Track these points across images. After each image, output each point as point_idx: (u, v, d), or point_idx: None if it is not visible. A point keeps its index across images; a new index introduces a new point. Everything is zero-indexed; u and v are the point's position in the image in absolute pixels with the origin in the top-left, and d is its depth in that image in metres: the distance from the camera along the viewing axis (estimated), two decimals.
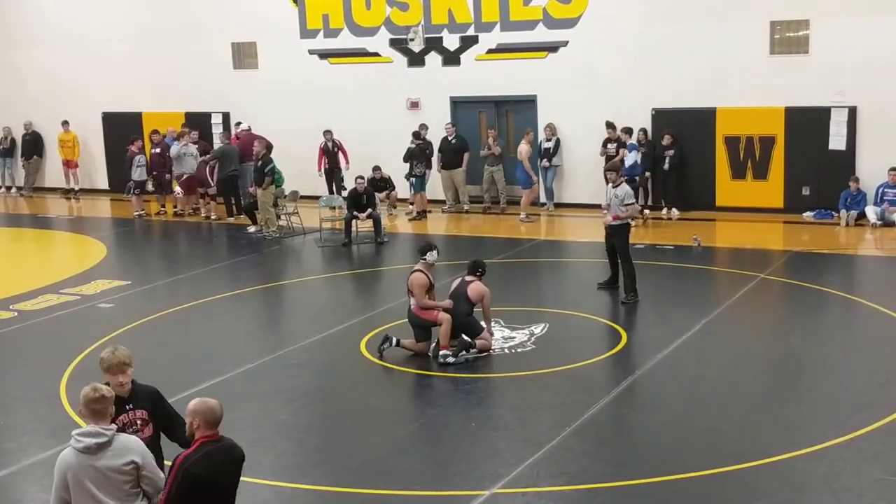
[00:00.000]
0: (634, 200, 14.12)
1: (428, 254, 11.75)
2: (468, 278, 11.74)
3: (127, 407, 6.34)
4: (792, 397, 10.17)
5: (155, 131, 22.48)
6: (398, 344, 11.43)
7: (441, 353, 11.22)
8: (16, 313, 14.07)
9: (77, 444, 5.61)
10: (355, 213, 18.15)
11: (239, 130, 21.89)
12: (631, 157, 19.09)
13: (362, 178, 18.65)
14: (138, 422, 6.37)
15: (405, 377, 11.14)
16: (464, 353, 11.28)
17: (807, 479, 8.13)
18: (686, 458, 8.61)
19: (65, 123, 24.87)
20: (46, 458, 8.80)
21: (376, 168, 20.05)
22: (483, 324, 11.64)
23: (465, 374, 10.95)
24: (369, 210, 18.21)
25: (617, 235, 13.66)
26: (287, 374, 11.25)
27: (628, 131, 19.58)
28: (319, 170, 21.50)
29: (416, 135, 20.59)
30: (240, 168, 20.79)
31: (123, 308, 14.23)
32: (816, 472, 8.25)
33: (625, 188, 13.75)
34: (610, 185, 13.82)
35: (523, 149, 19.78)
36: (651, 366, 10.94)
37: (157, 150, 22.01)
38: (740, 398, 10.07)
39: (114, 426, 5.76)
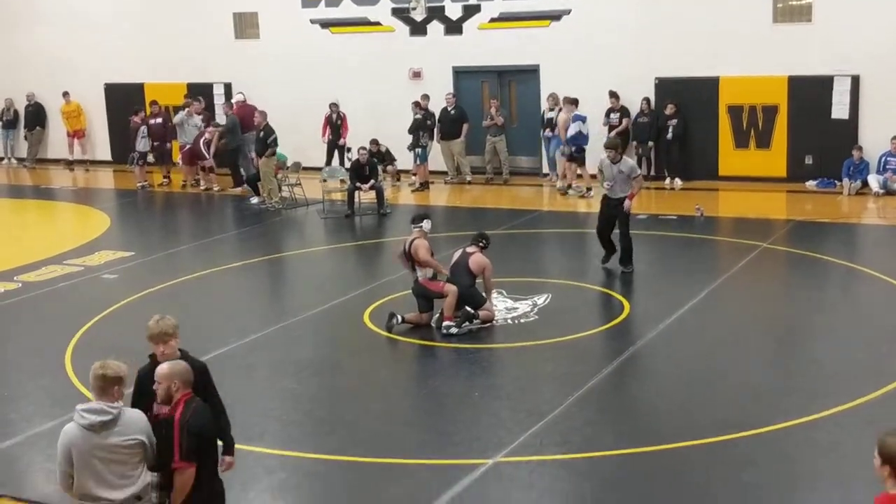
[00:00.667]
0: (640, 171, 13.98)
1: (423, 222, 11.76)
2: (470, 249, 11.74)
3: None
4: (793, 366, 10.21)
5: (154, 102, 22.47)
6: (403, 321, 11.47)
7: (445, 323, 11.27)
8: (20, 284, 14.12)
9: (81, 420, 5.57)
10: (358, 184, 18.14)
11: (235, 101, 21.84)
12: (574, 128, 19.02)
13: (365, 148, 18.61)
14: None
15: (409, 348, 11.19)
16: (467, 323, 11.33)
17: (807, 449, 8.19)
18: (687, 426, 8.66)
19: (65, 94, 24.84)
20: (51, 428, 8.85)
21: (373, 141, 19.96)
22: (485, 294, 11.67)
23: (469, 345, 10.99)
24: (372, 181, 18.20)
25: (621, 207, 13.45)
26: (291, 345, 11.30)
27: (574, 101, 19.36)
28: (323, 136, 21.46)
29: (418, 105, 20.53)
30: (242, 139, 20.81)
31: (127, 279, 14.28)
32: (817, 440, 8.30)
33: (628, 163, 13.60)
34: (609, 162, 13.48)
35: (562, 118, 19.34)
36: (653, 336, 10.98)
37: (159, 121, 22.00)
38: (742, 367, 10.12)
39: (119, 403, 5.69)
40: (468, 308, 11.36)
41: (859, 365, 9.92)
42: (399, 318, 11.44)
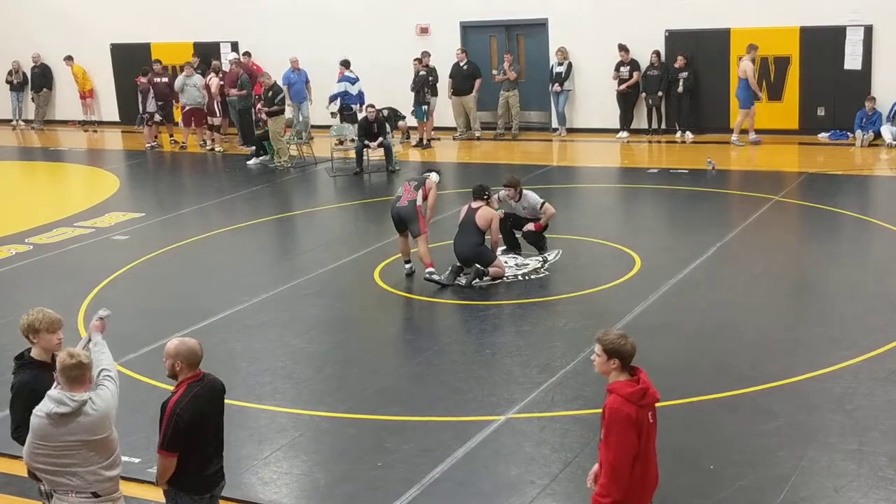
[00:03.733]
0: (545, 203, 12.15)
1: (431, 174, 11.90)
2: (475, 204, 11.68)
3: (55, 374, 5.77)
4: (806, 319, 10.18)
5: (157, 61, 22.35)
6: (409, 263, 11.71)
7: (427, 270, 11.42)
8: (31, 247, 14.14)
9: (45, 407, 5.41)
10: (366, 142, 18.05)
11: (232, 59, 21.63)
12: (340, 87, 19.79)
13: (373, 106, 18.47)
14: None
15: (419, 305, 11.19)
16: (477, 280, 11.31)
17: (821, 401, 8.17)
18: (700, 381, 8.66)
19: (68, 58, 24.63)
20: None
21: (380, 110, 19.05)
22: (497, 252, 11.66)
23: (480, 302, 10.98)
24: (380, 139, 18.09)
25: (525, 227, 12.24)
26: (302, 304, 11.31)
27: (346, 63, 20.17)
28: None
29: (420, 62, 20.32)
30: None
31: (138, 240, 14.29)
32: (830, 393, 8.28)
33: (529, 199, 12.14)
34: (511, 201, 12.21)
35: (748, 66, 18.62)
36: (665, 290, 10.94)
37: (164, 80, 21.86)
38: (754, 321, 10.09)
39: (83, 395, 5.42)
40: (478, 266, 11.34)
41: (873, 317, 9.88)
42: (408, 267, 11.76)
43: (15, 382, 5.95)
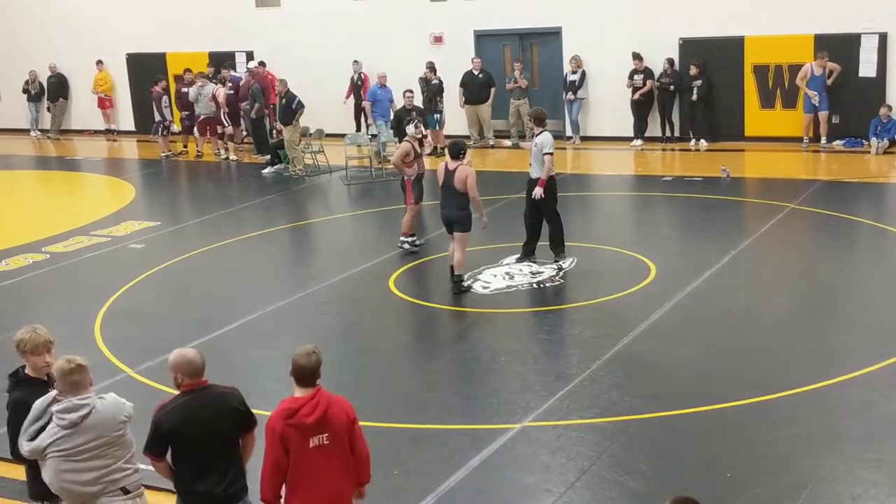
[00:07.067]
0: (553, 151, 12.16)
1: (408, 126, 13.45)
2: (451, 165, 11.43)
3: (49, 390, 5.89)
4: (822, 327, 10.15)
5: (188, 70, 22.42)
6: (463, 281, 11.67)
7: (401, 238, 13.11)
8: (48, 255, 14.21)
9: (60, 421, 5.49)
10: (398, 135, 17.48)
11: (250, 68, 21.74)
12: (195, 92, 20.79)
13: (411, 91, 17.82)
14: None
15: (434, 313, 11.20)
16: (465, 284, 11.45)
17: (837, 408, 8.15)
18: (716, 389, 8.64)
19: (99, 63, 24.83)
20: None
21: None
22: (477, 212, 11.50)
23: (495, 310, 10.99)
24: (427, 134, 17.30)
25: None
26: (317, 312, 11.33)
27: (262, 64, 21.20)
28: (348, 97, 21.37)
29: (433, 70, 20.34)
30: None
31: (154, 249, 14.34)
32: (847, 400, 8.26)
33: (545, 136, 12.13)
34: (534, 136, 12.36)
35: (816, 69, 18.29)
36: (680, 298, 10.92)
37: (185, 90, 21.94)
38: (770, 329, 10.06)
39: (90, 395, 5.58)
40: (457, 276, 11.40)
41: (889, 324, 9.85)
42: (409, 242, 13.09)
43: (10, 400, 5.93)
